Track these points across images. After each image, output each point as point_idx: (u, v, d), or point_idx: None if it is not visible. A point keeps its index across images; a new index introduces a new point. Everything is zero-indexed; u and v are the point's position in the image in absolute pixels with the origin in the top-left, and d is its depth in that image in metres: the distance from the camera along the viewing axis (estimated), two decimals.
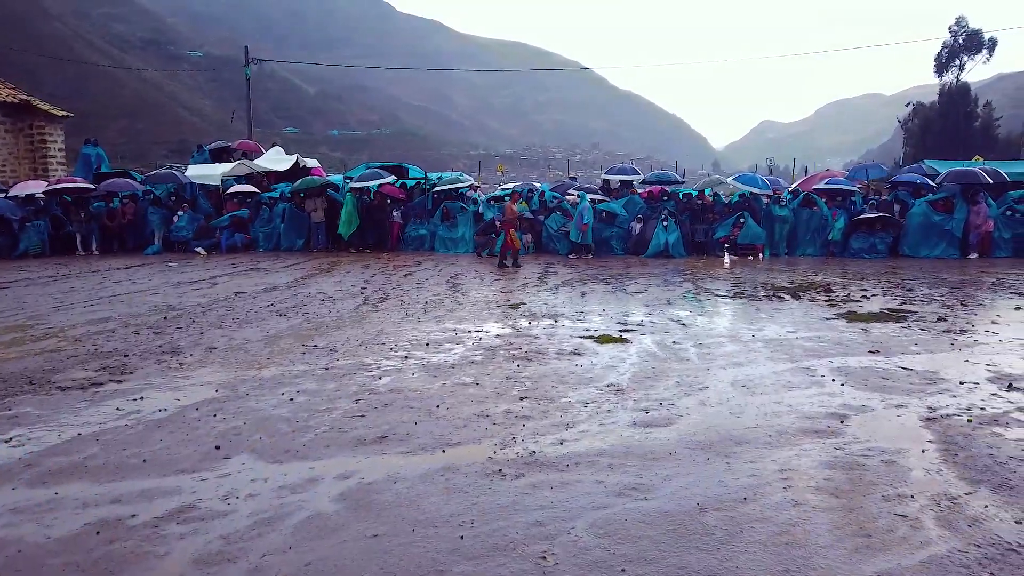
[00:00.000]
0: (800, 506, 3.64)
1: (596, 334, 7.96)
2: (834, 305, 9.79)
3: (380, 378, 6.16)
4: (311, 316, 9.15)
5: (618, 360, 6.79)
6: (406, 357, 6.91)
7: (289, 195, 19.19)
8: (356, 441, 4.64)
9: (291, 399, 5.54)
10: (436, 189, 19.44)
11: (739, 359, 6.83)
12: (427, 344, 7.49)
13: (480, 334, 8.02)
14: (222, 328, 8.36)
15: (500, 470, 4.13)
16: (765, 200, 17.81)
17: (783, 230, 17.26)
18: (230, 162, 21.56)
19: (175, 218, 18.59)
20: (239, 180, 20.22)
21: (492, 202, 19.69)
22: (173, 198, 19.41)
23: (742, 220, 16.98)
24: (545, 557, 3.14)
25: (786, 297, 10.58)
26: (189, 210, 18.77)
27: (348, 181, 19.74)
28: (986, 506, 3.61)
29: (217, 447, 4.53)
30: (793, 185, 20.80)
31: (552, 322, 8.71)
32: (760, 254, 16.79)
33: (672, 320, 8.84)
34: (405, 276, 13.37)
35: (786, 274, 13.45)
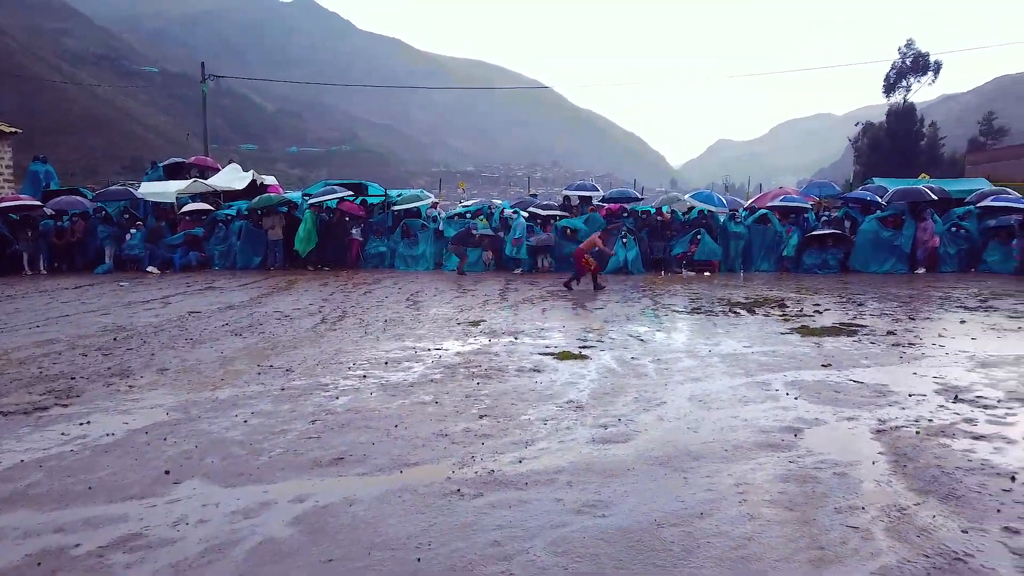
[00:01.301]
0: (755, 520, 3.67)
1: (556, 351, 7.97)
2: (788, 320, 9.98)
3: (337, 398, 6.07)
4: (267, 336, 9.00)
5: (578, 377, 6.81)
6: (364, 376, 6.83)
7: (246, 212, 18.92)
8: (312, 463, 4.56)
9: (245, 421, 5.43)
10: (396, 207, 19.37)
11: (696, 374, 6.91)
12: (386, 363, 7.41)
13: (440, 352, 7.97)
14: (174, 349, 8.17)
15: (459, 490, 4.09)
16: (721, 217, 18.14)
17: (739, 246, 17.59)
18: (185, 179, 21.20)
19: (127, 236, 18.17)
20: (194, 198, 19.88)
21: (455, 218, 19.69)
22: (126, 216, 18.98)
23: (699, 237, 17.26)
24: None
25: (742, 312, 10.75)
26: (143, 228, 18.36)
27: (307, 198, 19.56)
28: (934, 516, 3.69)
29: (167, 472, 4.41)
30: (748, 202, 21.22)
31: (512, 339, 8.71)
32: (716, 270, 17.07)
33: (631, 336, 8.91)
34: (364, 294, 13.25)
35: (742, 289, 13.68)
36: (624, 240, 17.30)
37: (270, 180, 23.37)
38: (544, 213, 18.77)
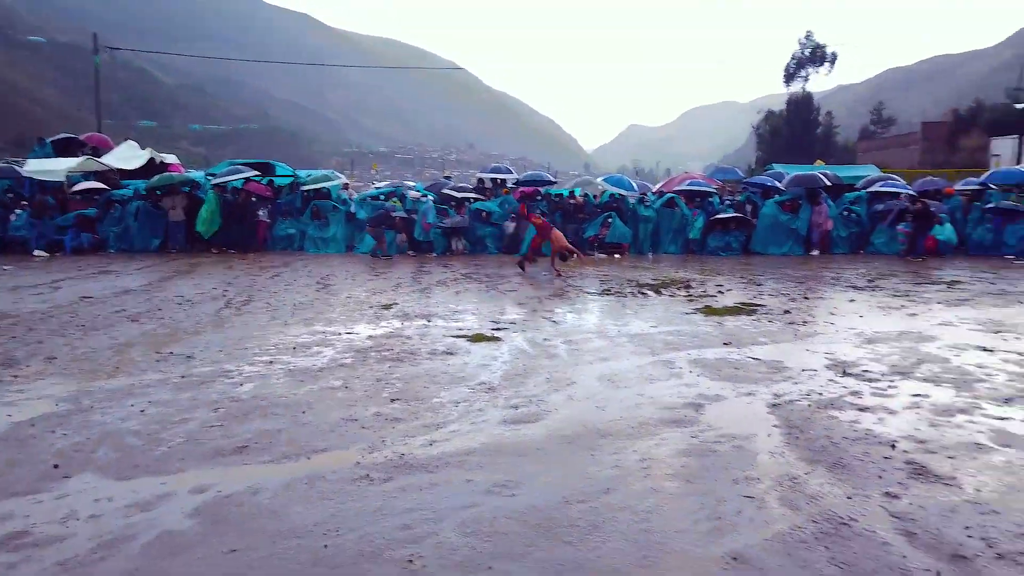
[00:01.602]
0: (658, 493, 3.81)
1: (469, 333, 7.98)
2: (692, 300, 10.33)
3: (242, 385, 5.89)
4: (167, 321, 8.62)
5: (490, 358, 6.85)
6: (271, 362, 6.65)
7: (144, 192, 17.96)
8: (214, 452, 4.41)
9: (142, 411, 5.19)
10: (304, 187, 18.84)
11: (605, 354, 7.07)
12: (294, 348, 7.24)
13: (351, 336, 7.85)
14: (64, 336, 7.71)
15: (368, 475, 4.05)
16: (631, 201, 18.54)
17: (647, 229, 18.04)
18: (76, 156, 19.91)
19: (12, 217, 16.94)
20: (87, 177, 18.71)
21: (368, 200, 19.32)
22: (10, 195, 17.67)
23: (610, 220, 17.59)
24: (412, 560, 3.11)
25: (649, 293, 11.05)
26: (29, 208, 17.15)
27: (210, 178, 18.75)
28: (822, 484, 3.92)
29: (56, 466, 4.17)
30: (657, 187, 21.77)
31: (425, 322, 8.66)
32: (626, 252, 17.47)
33: (543, 318, 9.02)
34: (272, 277, 12.86)
35: (650, 271, 14.05)
36: None
37: (170, 158, 22.23)
38: (458, 195, 18.68)
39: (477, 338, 7.73)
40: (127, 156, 20.80)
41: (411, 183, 21.71)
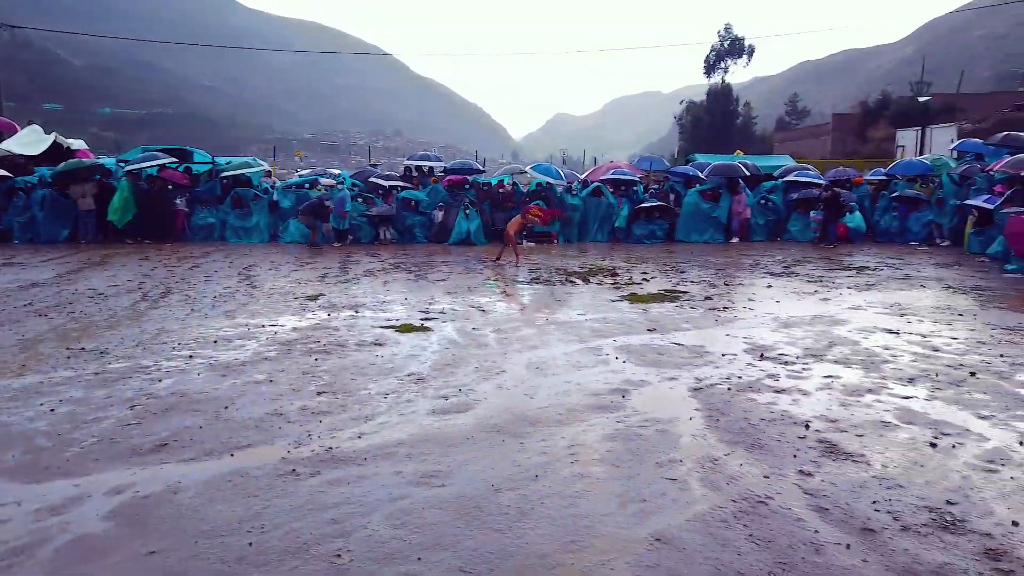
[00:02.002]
0: (586, 478, 3.88)
1: (398, 323, 7.92)
2: (619, 288, 10.53)
3: (160, 381, 5.68)
4: (78, 315, 8.22)
5: (419, 349, 6.82)
6: (191, 356, 6.43)
7: (51, 179, 17.01)
8: (131, 451, 4.25)
9: (52, 410, 4.95)
10: (224, 174, 18.22)
11: (534, 342, 7.14)
12: (215, 341, 7.02)
13: (275, 328, 7.67)
14: None
15: (294, 470, 3.99)
16: (559, 189, 18.70)
17: (575, 218, 18.25)
18: None
19: None
20: None
21: (292, 188, 18.84)
22: None
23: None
24: (340, 555, 3.08)
25: (577, 281, 11.20)
26: None
27: (122, 165, 17.91)
28: (741, 464, 4.08)
29: None
30: (584, 175, 22.02)
31: (353, 313, 8.55)
32: (555, 241, 17.63)
33: (472, 307, 9.03)
34: (191, 268, 12.42)
35: (577, 259, 14.24)
36: (467, 211, 17.41)
37: (77, 144, 21.11)
38: (386, 183, 18.45)
39: (406, 328, 7.68)
40: (29, 141, 19.64)
41: (336, 171, 21.27)
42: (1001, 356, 6.45)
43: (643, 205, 18.25)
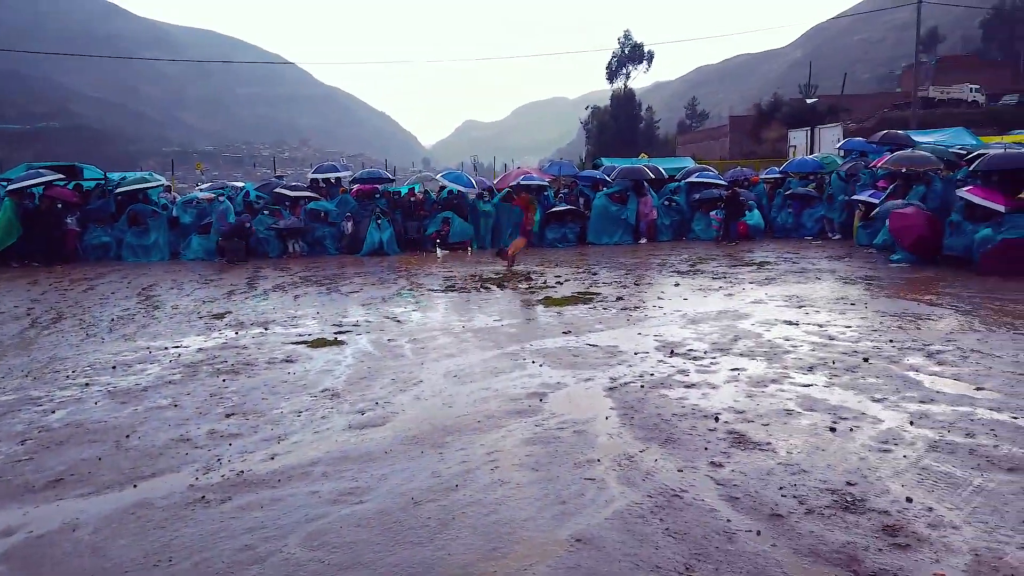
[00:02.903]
0: (506, 485, 3.89)
1: (310, 339, 7.73)
2: (534, 292, 10.64)
3: (54, 412, 5.34)
4: None
5: (333, 363, 6.67)
6: (87, 384, 6.07)
7: None
8: (22, 489, 3.97)
9: None
10: (119, 190, 17.33)
11: (451, 350, 7.11)
12: (114, 367, 6.66)
13: (179, 350, 7.34)
14: None
15: (203, 497, 3.82)
16: (471, 197, 18.73)
17: (488, 224, 18.32)
18: None
19: None
20: None
21: (194, 204, 18.08)
22: None
23: (448, 218, 17.66)
24: None
25: (493, 288, 11.24)
26: None
27: (5, 184, 16.76)
28: (656, 460, 4.18)
29: None
30: (495, 181, 22.15)
31: (262, 330, 8.28)
32: (469, 248, 17.64)
33: (387, 318, 8.91)
34: (85, 291, 11.74)
35: (492, 265, 14.28)
36: (378, 221, 17.18)
37: None
38: (292, 195, 18.00)
39: (319, 343, 7.50)
40: None
41: (239, 183, 20.57)
42: (890, 341, 6.87)
43: (554, 210, 18.51)
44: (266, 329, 8.32)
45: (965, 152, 15.09)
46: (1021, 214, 11.12)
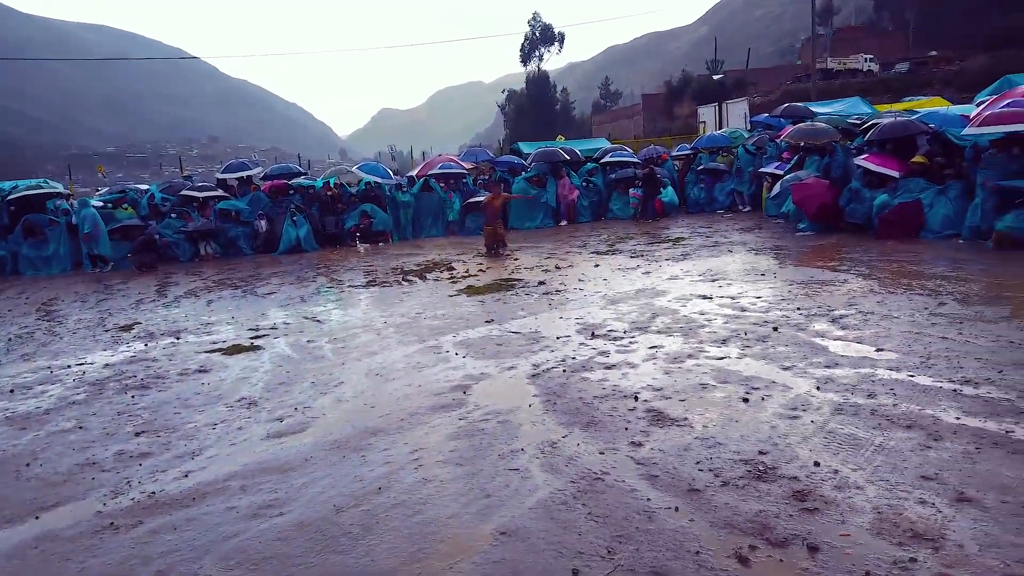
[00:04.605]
0: (430, 483, 3.86)
1: (225, 345, 7.48)
2: (456, 282, 10.59)
3: None
4: None
5: (250, 370, 6.48)
6: None
7: None
8: None
9: None
10: (9, 198, 16.29)
11: (373, 348, 7.00)
12: (11, 391, 6.28)
13: (84, 367, 6.98)
14: None
15: (112, 523, 3.65)
16: (388, 188, 18.46)
17: (408, 214, 18.12)
18: None
19: None
20: None
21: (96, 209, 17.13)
22: None
23: (367, 211, 17.37)
24: None
25: (414, 279, 11.13)
26: None
27: None
28: (578, 444, 4.23)
29: None
30: (413, 172, 21.89)
31: (173, 340, 7.96)
32: (390, 239, 17.41)
33: (307, 318, 8.71)
34: None
35: (414, 257, 14.14)
36: (294, 218, 16.74)
37: None
38: (200, 195, 17.33)
39: (234, 350, 7.27)
40: None
41: (143, 186, 19.65)
42: (798, 309, 7.16)
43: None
44: (178, 339, 8.00)
45: (861, 121, 15.79)
46: (915, 179, 11.73)
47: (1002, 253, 9.45)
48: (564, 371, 5.72)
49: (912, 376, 4.94)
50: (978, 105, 12.86)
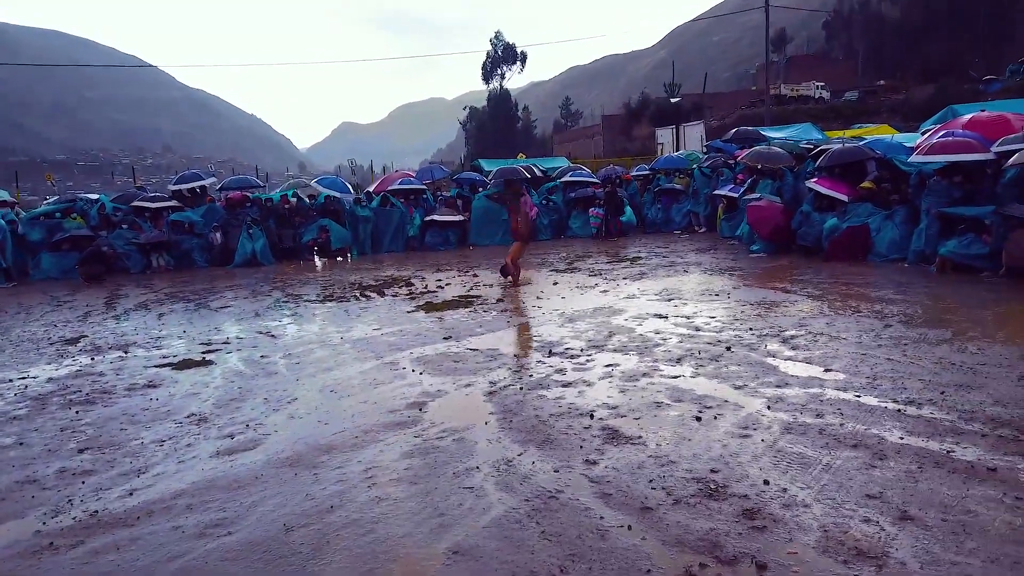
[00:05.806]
0: (384, 501, 3.82)
1: (176, 360, 7.31)
2: (414, 298, 10.54)
3: None
4: None
5: (201, 386, 6.34)
6: None
7: None
8: None
9: None
10: None
11: (328, 364, 6.92)
12: None
13: (25, 381, 6.74)
14: None
15: (51, 543, 3.52)
16: (348, 203, 18.34)
17: (367, 229, 18.01)
18: None
19: None
20: None
21: (41, 218, 16.65)
22: None
23: (325, 226, 17.22)
24: None
25: (372, 295, 11.05)
26: None
27: None
28: (533, 462, 4.24)
29: None
30: (372, 187, 21.79)
31: (121, 354, 7.75)
32: (348, 254, 17.27)
33: (261, 332, 8.57)
34: None
35: (372, 272, 14.05)
36: (250, 231, 16.49)
37: None
38: (153, 206, 16.97)
39: (185, 364, 7.11)
40: None
41: (93, 195, 19.14)
42: (750, 330, 7.30)
43: (434, 217, 18.40)
44: (126, 353, 7.80)
45: (812, 147, 16.27)
46: (863, 203, 12.11)
47: (945, 277, 9.81)
48: (521, 388, 5.73)
49: (859, 396, 5.07)
50: (923, 133, 13.38)
